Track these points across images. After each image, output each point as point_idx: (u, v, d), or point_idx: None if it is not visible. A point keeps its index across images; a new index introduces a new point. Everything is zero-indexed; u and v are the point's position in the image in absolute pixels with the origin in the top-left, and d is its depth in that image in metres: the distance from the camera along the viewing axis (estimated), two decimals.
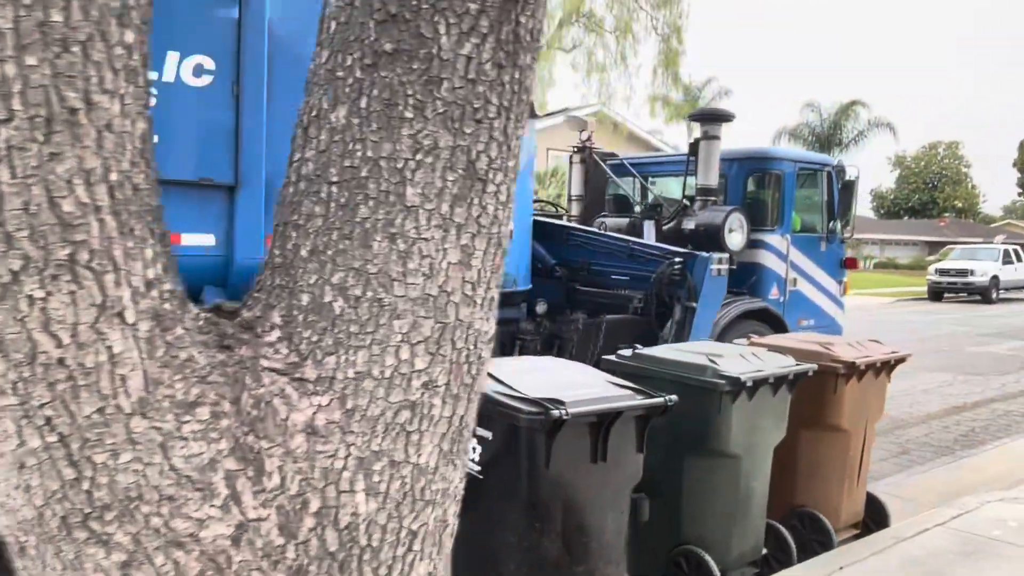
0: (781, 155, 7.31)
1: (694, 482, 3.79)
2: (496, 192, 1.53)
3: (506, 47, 1.48)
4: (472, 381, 1.55)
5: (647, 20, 18.12)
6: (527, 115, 1.64)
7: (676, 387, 3.76)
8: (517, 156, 1.60)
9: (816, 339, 4.76)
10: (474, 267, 1.51)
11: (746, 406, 3.71)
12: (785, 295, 7.28)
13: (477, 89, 1.46)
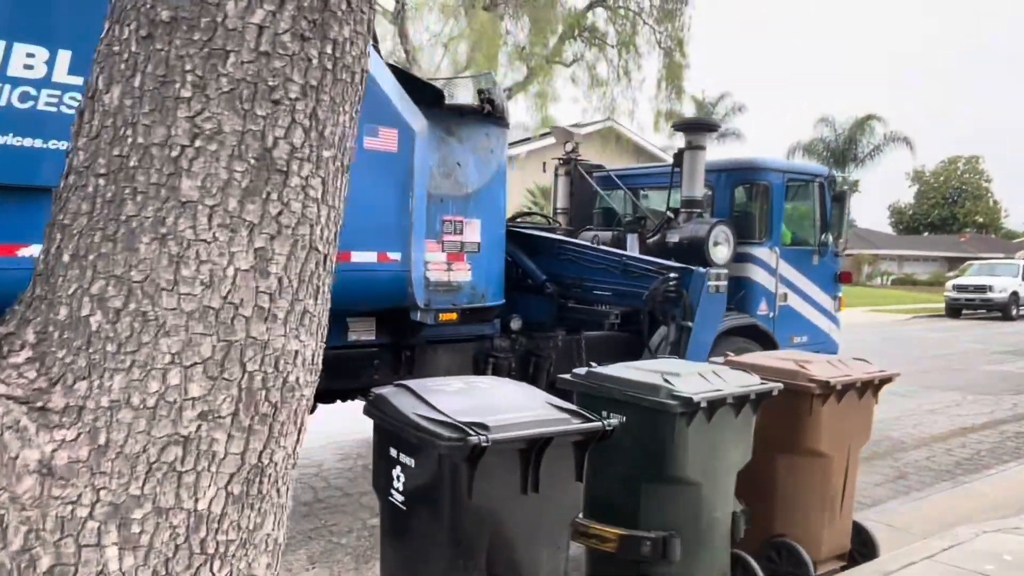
0: (769, 165, 7.04)
1: (650, 510, 3.51)
2: (304, 187, 1.30)
3: (310, 16, 1.26)
4: (273, 411, 1.31)
5: (650, 34, 17.94)
6: (356, 98, 1.41)
7: (630, 408, 3.51)
8: (342, 146, 1.37)
9: (795, 357, 4.47)
10: (272, 275, 1.27)
11: (704, 429, 3.43)
12: (775, 311, 6.98)
13: (273, 64, 1.24)
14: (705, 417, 3.40)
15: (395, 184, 4.60)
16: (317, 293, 1.39)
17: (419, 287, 4.85)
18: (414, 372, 5.40)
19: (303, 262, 1.32)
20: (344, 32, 1.32)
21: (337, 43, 1.31)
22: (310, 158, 1.30)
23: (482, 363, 5.95)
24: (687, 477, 3.43)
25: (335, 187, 1.38)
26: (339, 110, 1.35)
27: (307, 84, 1.27)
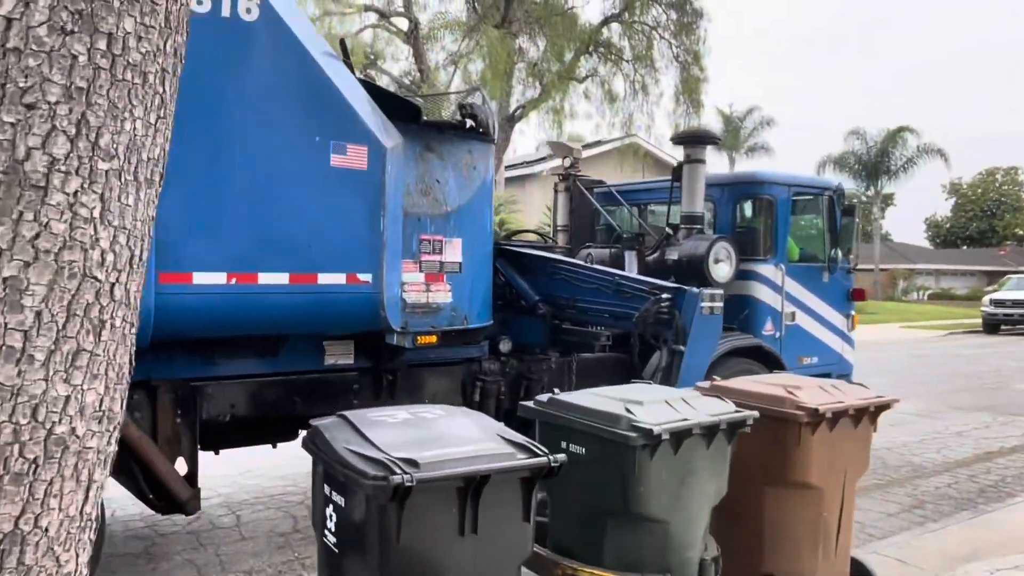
0: (772, 179, 6.76)
1: (615, 548, 3.26)
2: (71, 204, 1.11)
3: (73, 6, 1.08)
4: (32, 468, 1.12)
5: (667, 48, 17.72)
6: (156, 103, 1.23)
7: (589, 439, 3.28)
8: (133, 156, 1.18)
9: (784, 382, 4.19)
10: (28, 308, 1.09)
11: (670, 461, 3.18)
12: (781, 330, 6.67)
13: (25, 63, 1.06)
14: (671, 449, 3.15)
15: (364, 203, 4.43)
16: (99, 329, 1.20)
17: (393, 309, 4.66)
18: (396, 397, 5.21)
19: (72, 293, 1.14)
20: (125, 25, 1.15)
21: (114, 38, 1.13)
22: (79, 171, 1.12)
23: (470, 387, 5.74)
24: (651, 514, 3.18)
25: (123, 204, 1.20)
26: (123, 116, 1.17)
27: (72, 85, 1.10)
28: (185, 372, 4.41)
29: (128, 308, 1.28)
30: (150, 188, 1.32)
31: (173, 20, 1.26)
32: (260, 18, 4.03)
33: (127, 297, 1.26)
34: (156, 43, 1.21)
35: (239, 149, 4.03)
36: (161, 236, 3.79)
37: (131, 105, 1.19)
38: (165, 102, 1.28)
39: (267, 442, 5.42)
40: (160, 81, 1.25)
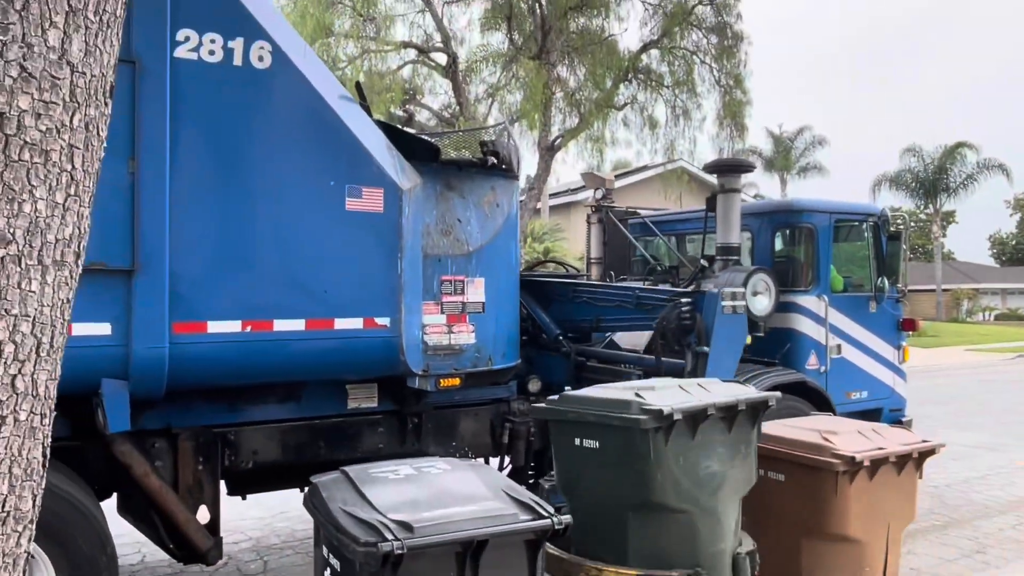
0: (811, 206, 6.51)
1: (640, 545, 3.09)
2: None
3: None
4: None
5: (707, 72, 17.52)
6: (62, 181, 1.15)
7: (602, 430, 3.18)
8: (40, 240, 1.10)
9: (821, 427, 3.96)
10: None
11: (687, 446, 3.02)
12: (826, 364, 6.37)
13: None
14: (687, 432, 3.01)
15: (381, 246, 4.38)
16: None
17: (414, 352, 4.57)
18: (422, 440, 5.11)
19: None
20: (19, 103, 1.07)
21: (7, 118, 1.06)
22: None
23: (498, 428, 5.60)
24: (672, 503, 3.01)
25: (25, 291, 1.12)
26: (21, 198, 1.09)
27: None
28: (206, 419, 4.38)
29: (36, 399, 1.21)
30: (60, 270, 1.25)
31: (81, 94, 1.19)
32: (272, 66, 4.03)
33: (34, 388, 1.18)
34: (60, 119, 1.15)
35: (252, 196, 4.03)
36: (174, 286, 3.82)
37: (31, 186, 1.13)
38: (76, 180, 1.21)
39: (295, 486, 5.36)
40: (68, 158, 1.19)
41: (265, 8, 4.20)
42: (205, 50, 3.86)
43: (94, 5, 1.17)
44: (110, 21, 1.24)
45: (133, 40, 3.62)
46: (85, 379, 3.61)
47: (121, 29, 1.32)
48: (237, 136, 3.99)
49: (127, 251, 3.70)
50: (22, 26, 1.09)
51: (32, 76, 1.10)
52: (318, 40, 16.31)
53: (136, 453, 3.99)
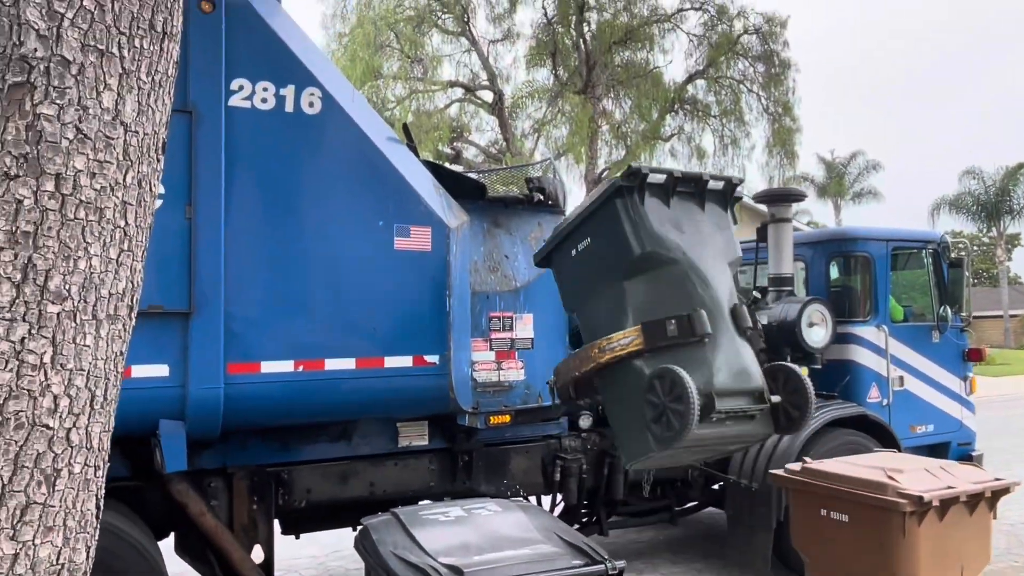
0: (867, 235, 6.35)
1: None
2: (17, 352, 1.07)
3: (17, 150, 1.05)
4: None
5: (755, 101, 17.40)
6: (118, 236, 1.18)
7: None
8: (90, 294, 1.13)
9: (887, 464, 3.80)
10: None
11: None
12: (888, 397, 6.15)
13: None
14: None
15: (430, 284, 4.41)
16: (52, 478, 1.14)
17: (463, 390, 4.57)
18: (472, 478, 5.07)
19: (20, 444, 1.09)
20: (75, 164, 1.12)
21: (63, 178, 1.10)
22: (26, 317, 1.08)
23: (550, 466, 5.52)
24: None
25: (80, 346, 1.15)
26: (76, 255, 1.13)
27: (17, 230, 1.06)
28: (260, 458, 4.43)
29: (90, 452, 1.23)
30: (114, 324, 1.28)
31: (134, 152, 1.23)
32: (323, 111, 4.13)
33: (88, 441, 1.21)
34: (114, 177, 1.19)
35: (304, 238, 4.11)
36: (229, 327, 3.90)
37: (85, 243, 1.16)
38: (130, 235, 1.25)
39: (347, 525, 5.36)
40: (121, 215, 1.22)
41: (315, 56, 4.32)
42: (258, 98, 3.98)
43: (147, 66, 1.22)
44: (162, 81, 1.29)
45: (190, 90, 3.76)
46: (144, 420, 3.70)
47: (173, 87, 1.37)
48: (289, 180, 4.08)
49: (184, 294, 3.79)
50: (78, 90, 1.13)
51: (87, 137, 1.14)
52: (367, 82, 16.74)
53: (192, 492, 4.05)
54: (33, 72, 1.08)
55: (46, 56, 1.09)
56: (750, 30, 17.60)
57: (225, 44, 3.87)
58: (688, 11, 17.99)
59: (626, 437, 3.93)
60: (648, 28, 17.26)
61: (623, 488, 5.53)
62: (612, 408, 4.05)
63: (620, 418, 3.91)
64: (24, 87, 1.08)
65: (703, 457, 4.10)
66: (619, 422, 3.95)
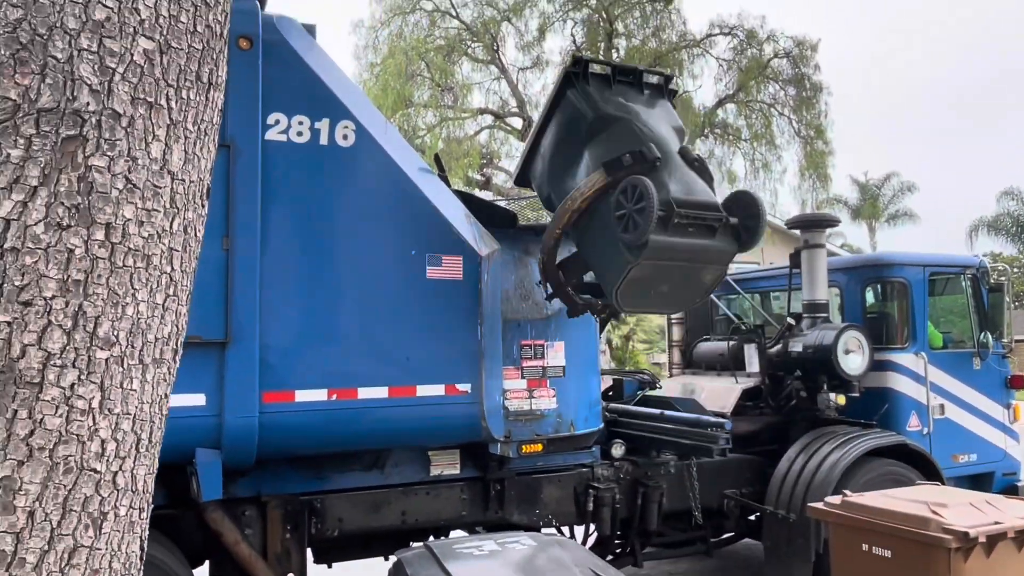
0: (903, 260, 6.25)
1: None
2: (67, 398, 1.09)
3: (69, 200, 1.09)
4: None
5: (787, 124, 17.30)
6: (164, 282, 1.21)
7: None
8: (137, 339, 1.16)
9: (928, 498, 3.70)
10: (20, 509, 1.06)
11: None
12: (929, 425, 6.01)
13: (22, 261, 1.07)
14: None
15: (461, 312, 4.42)
16: (99, 521, 1.15)
17: (495, 418, 4.56)
18: (504, 507, 5.04)
19: (69, 488, 1.11)
20: (124, 213, 1.15)
21: (112, 227, 1.13)
22: (76, 363, 1.10)
23: (582, 495, 5.47)
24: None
25: (127, 390, 1.17)
26: (124, 301, 1.16)
27: (69, 279, 1.09)
28: (293, 487, 4.45)
29: (136, 495, 1.25)
30: (160, 367, 1.31)
31: (180, 200, 1.27)
32: (356, 143, 4.20)
33: (133, 484, 1.23)
34: (161, 225, 1.22)
35: (337, 268, 4.15)
36: (264, 356, 3.95)
37: (133, 289, 1.19)
38: (176, 280, 1.27)
39: (379, 554, 5.35)
40: (167, 261, 1.25)
41: (349, 88, 4.40)
42: (294, 131, 4.06)
43: (193, 116, 1.26)
44: (207, 129, 1.32)
45: (228, 125, 3.84)
46: (181, 449, 3.74)
47: (217, 134, 1.40)
48: (323, 211, 4.14)
49: (221, 324, 3.85)
50: (128, 141, 1.17)
51: (136, 187, 1.18)
52: (399, 111, 16.96)
53: (227, 521, 4.08)
54: (85, 125, 1.12)
55: (98, 110, 1.13)
56: (780, 54, 17.55)
57: (262, 80, 3.96)
58: (717, 36, 18.03)
59: (606, 269, 4.28)
60: (677, 54, 17.30)
61: (657, 518, 5.46)
62: (591, 252, 4.43)
63: (599, 255, 4.32)
64: (77, 140, 1.12)
65: (680, 284, 4.27)
66: (599, 259, 4.35)
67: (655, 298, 4.34)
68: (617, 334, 17.99)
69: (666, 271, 4.17)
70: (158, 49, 1.19)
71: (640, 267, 4.00)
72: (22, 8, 1.08)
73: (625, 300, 4.22)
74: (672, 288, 4.30)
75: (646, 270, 4.05)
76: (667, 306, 4.52)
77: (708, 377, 6.72)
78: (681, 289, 4.35)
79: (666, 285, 4.27)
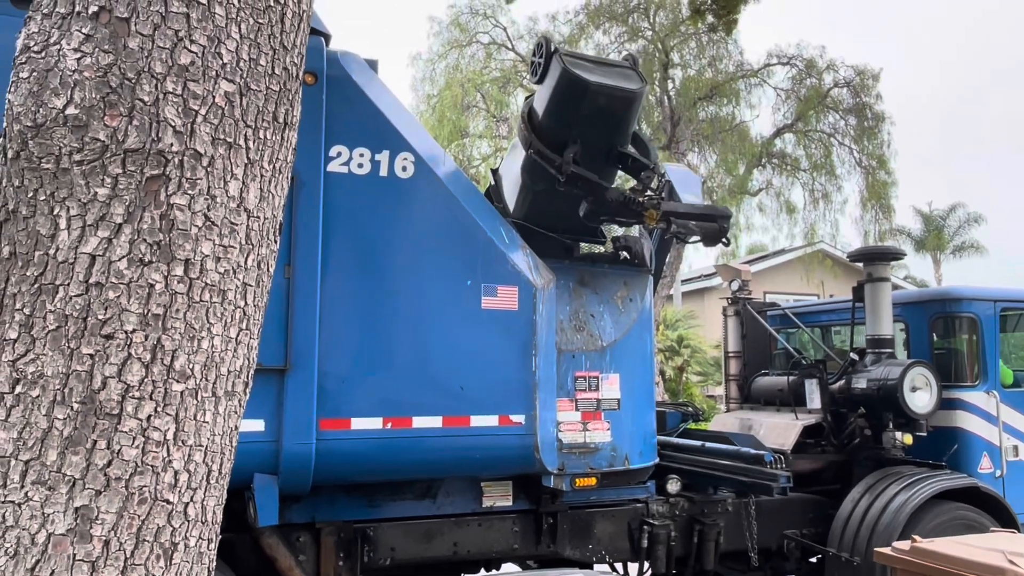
0: (972, 295, 6.03)
1: None
2: (144, 429, 1.12)
3: (151, 238, 1.13)
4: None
5: (847, 154, 16.98)
6: (237, 316, 1.24)
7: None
8: (211, 372, 1.19)
9: (1004, 546, 3.53)
10: (96, 538, 1.08)
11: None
12: (1002, 468, 5.75)
13: (105, 296, 1.10)
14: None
15: (516, 343, 4.42)
16: (170, 552, 1.17)
17: (549, 450, 4.52)
18: (557, 541, 4.97)
19: (143, 519, 1.13)
20: (202, 249, 1.18)
21: (191, 263, 1.17)
22: (153, 396, 1.13)
23: (636, 531, 5.37)
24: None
25: (200, 422, 1.20)
26: (200, 335, 1.19)
27: (149, 313, 1.13)
28: (347, 514, 4.48)
29: (205, 525, 1.27)
30: (231, 400, 1.33)
31: (255, 236, 1.30)
32: (415, 175, 4.27)
33: (203, 515, 1.25)
34: (236, 261, 1.25)
35: (394, 297, 4.20)
36: (322, 384, 4.00)
37: (208, 324, 1.22)
38: (248, 315, 1.31)
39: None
40: (241, 296, 1.28)
41: (408, 122, 4.48)
42: (355, 163, 4.15)
43: (269, 155, 1.30)
44: (282, 167, 1.36)
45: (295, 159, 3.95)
46: (239, 474, 3.78)
47: (290, 172, 1.44)
48: (381, 241, 4.21)
49: (281, 351, 3.92)
50: (207, 180, 1.21)
51: (214, 224, 1.22)
52: (454, 141, 17.22)
53: (282, 547, 4.12)
54: (168, 165, 1.16)
55: (180, 150, 1.17)
56: (840, 83, 17.30)
57: (325, 114, 4.06)
58: (775, 66, 17.88)
59: (554, 102, 4.65)
60: (734, 84, 17.21)
61: (715, 558, 5.32)
62: (548, 122, 4.75)
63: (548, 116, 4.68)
64: (160, 179, 1.16)
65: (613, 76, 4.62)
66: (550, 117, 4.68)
67: (602, 78, 4.56)
68: (671, 366, 17.74)
69: (589, 68, 4.55)
70: (238, 91, 1.23)
71: (561, 69, 4.44)
72: (113, 53, 1.13)
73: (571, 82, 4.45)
74: (606, 73, 4.62)
75: (569, 70, 4.44)
76: (619, 82, 4.66)
77: (767, 413, 6.56)
78: (614, 74, 4.65)
79: (599, 73, 4.58)
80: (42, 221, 1.13)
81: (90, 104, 1.12)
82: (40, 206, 1.13)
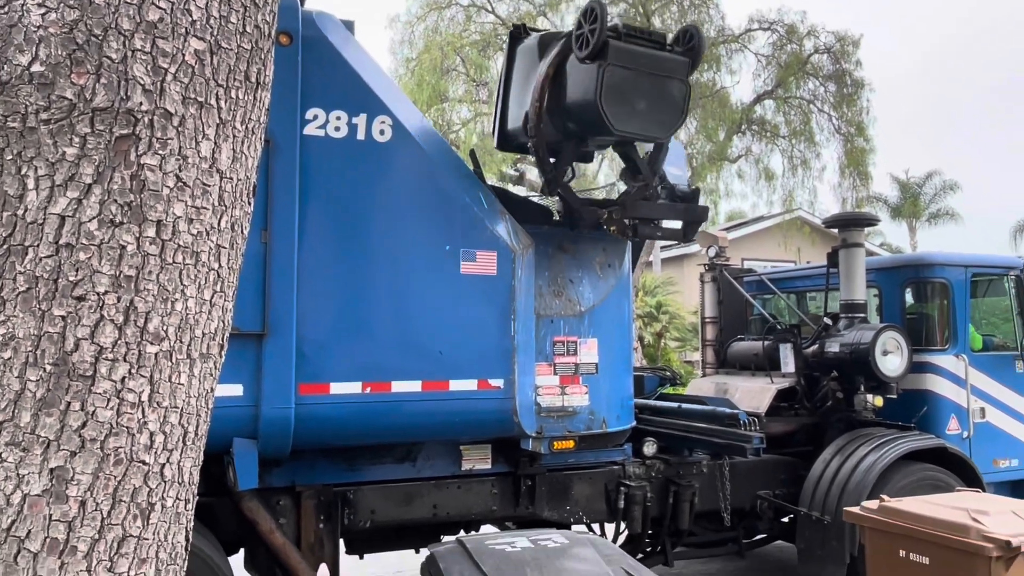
0: (943, 260, 6.12)
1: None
2: (118, 391, 1.12)
3: (122, 199, 1.11)
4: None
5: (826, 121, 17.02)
6: (211, 279, 1.23)
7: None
8: (185, 335, 1.18)
9: (968, 505, 3.62)
10: (72, 498, 1.09)
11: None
12: (969, 429, 5.89)
13: (76, 257, 1.09)
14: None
15: (494, 308, 4.43)
16: (147, 512, 1.18)
17: (527, 414, 4.57)
18: (535, 503, 5.05)
19: (119, 479, 1.14)
20: (174, 210, 1.17)
21: (163, 224, 1.16)
22: (127, 357, 1.13)
23: (613, 493, 5.46)
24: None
25: (175, 384, 1.20)
26: (174, 297, 1.18)
27: (121, 275, 1.12)
28: (327, 478, 4.51)
29: (182, 486, 1.28)
30: (206, 362, 1.33)
31: (228, 198, 1.29)
32: (393, 138, 4.22)
33: (180, 476, 1.25)
34: (209, 222, 1.24)
35: (373, 262, 4.19)
36: (300, 349, 4.00)
37: (182, 285, 1.22)
38: (222, 277, 1.30)
39: (410, 547, 5.39)
40: (215, 258, 1.28)
41: (386, 84, 4.42)
42: (332, 127, 4.09)
43: (241, 115, 1.28)
44: (254, 128, 1.35)
45: (268, 120, 3.89)
46: (218, 439, 3.79)
47: (263, 133, 1.43)
48: (359, 206, 4.18)
49: (259, 316, 3.91)
50: (179, 140, 1.19)
51: (186, 185, 1.20)
52: (433, 106, 17.02)
53: (263, 510, 4.14)
54: (138, 124, 1.15)
55: (150, 109, 1.15)
56: (821, 50, 17.27)
57: (301, 75, 4.00)
58: (756, 31, 17.79)
59: (583, 95, 4.50)
60: (715, 49, 17.10)
61: (689, 518, 5.43)
62: (571, 102, 4.62)
63: (576, 92, 4.53)
64: (129, 139, 1.14)
65: (655, 100, 4.53)
66: (577, 95, 4.54)
67: (638, 118, 4.48)
68: (649, 332, 17.89)
69: (635, 84, 4.37)
70: (209, 49, 1.21)
71: (611, 71, 4.21)
72: (78, 9, 1.11)
73: (612, 113, 4.30)
74: (649, 105, 4.48)
75: (617, 76, 4.25)
76: (651, 128, 4.58)
77: (742, 377, 6.66)
78: (658, 105, 4.51)
79: (642, 102, 4.45)
80: (9, 181, 1.11)
81: (56, 61, 1.10)
82: (7, 166, 1.11)
